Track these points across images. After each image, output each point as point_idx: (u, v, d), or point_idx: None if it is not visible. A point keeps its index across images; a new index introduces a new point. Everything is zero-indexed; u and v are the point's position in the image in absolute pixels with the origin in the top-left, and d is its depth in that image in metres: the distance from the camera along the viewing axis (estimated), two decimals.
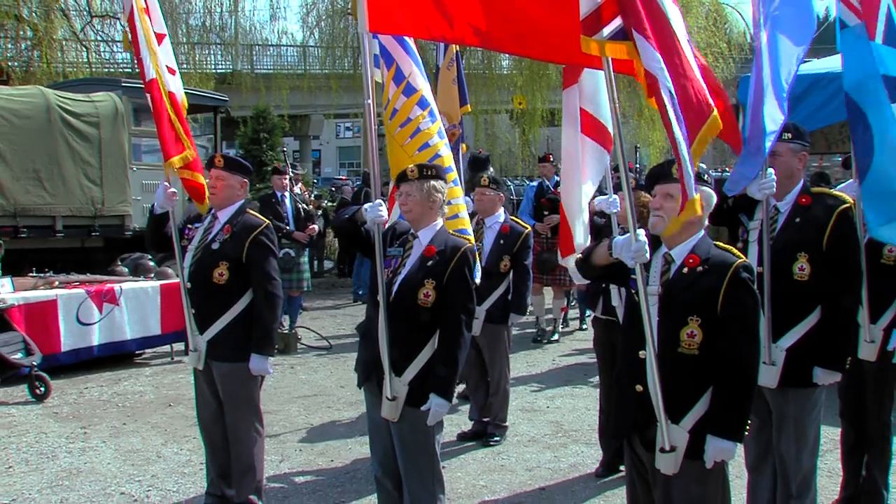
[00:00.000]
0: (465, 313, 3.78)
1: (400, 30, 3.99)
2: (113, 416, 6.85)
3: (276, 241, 4.73)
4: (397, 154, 4.94)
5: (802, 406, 3.90)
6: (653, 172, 3.28)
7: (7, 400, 7.29)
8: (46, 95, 10.41)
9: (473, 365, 6.20)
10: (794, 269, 3.90)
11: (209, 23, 18.46)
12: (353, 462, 5.64)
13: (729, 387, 3.03)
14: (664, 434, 3.02)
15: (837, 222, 3.91)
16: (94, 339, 8.24)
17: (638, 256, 3.05)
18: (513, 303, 6.22)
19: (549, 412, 6.89)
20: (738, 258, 3.12)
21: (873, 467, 4.64)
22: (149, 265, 9.37)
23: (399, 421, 3.73)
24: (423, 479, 3.77)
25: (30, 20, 16.94)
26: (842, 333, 3.95)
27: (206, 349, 4.54)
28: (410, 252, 3.83)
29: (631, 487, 3.27)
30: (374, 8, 3.71)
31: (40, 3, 16.78)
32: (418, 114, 4.92)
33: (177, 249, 4.68)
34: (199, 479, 5.08)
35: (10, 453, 5.90)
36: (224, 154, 5.04)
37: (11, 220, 9.71)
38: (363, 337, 3.97)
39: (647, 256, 3.07)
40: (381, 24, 3.82)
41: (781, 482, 3.92)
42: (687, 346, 3.04)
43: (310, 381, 8.03)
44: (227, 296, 4.54)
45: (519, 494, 5.10)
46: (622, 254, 3.10)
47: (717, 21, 19.07)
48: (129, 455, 5.85)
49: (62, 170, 10.20)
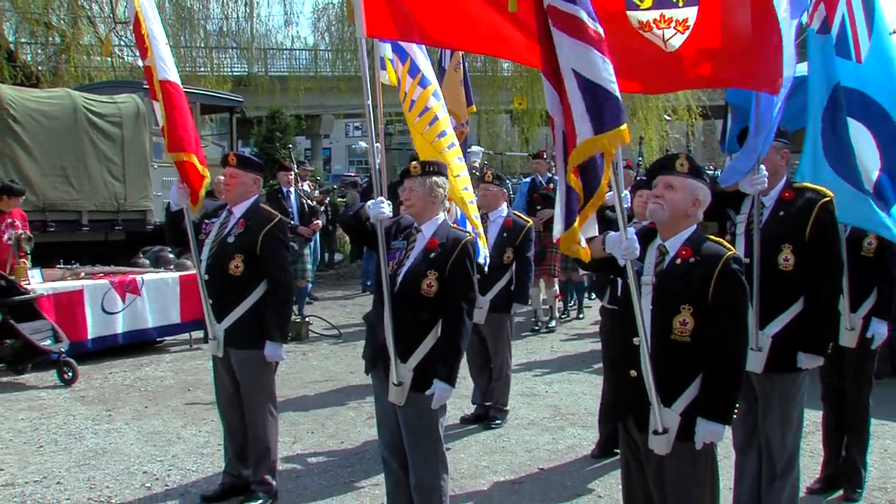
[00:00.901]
0: (467, 302, 3.76)
1: (396, 35, 3.96)
2: (136, 399, 6.86)
3: (287, 234, 4.73)
4: (418, 141, 4.94)
5: (787, 390, 3.90)
6: (656, 164, 3.26)
7: (37, 384, 7.31)
8: (73, 97, 10.42)
9: (476, 352, 6.19)
10: (779, 260, 3.88)
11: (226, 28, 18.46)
12: (363, 444, 5.65)
13: (718, 373, 3.02)
14: (657, 417, 3.01)
15: (819, 215, 3.90)
16: (117, 327, 8.26)
17: (627, 253, 3.04)
18: (515, 292, 6.20)
19: (548, 397, 6.88)
20: (728, 250, 3.10)
21: (852, 448, 4.66)
22: (169, 257, 9.37)
23: (405, 405, 3.72)
24: (428, 459, 3.76)
25: (58, 27, 17.03)
26: (824, 321, 3.93)
27: (224, 337, 4.54)
28: (414, 245, 3.81)
29: (625, 467, 3.26)
30: (370, 13, 3.69)
31: (68, 10, 16.84)
32: (434, 104, 4.91)
33: (192, 244, 4.68)
34: (217, 460, 5.08)
35: (41, 434, 5.91)
36: (237, 153, 5.02)
37: (40, 215, 9.72)
38: (370, 326, 3.96)
39: (636, 253, 3.06)
40: (378, 29, 3.79)
41: (767, 462, 3.92)
42: (679, 334, 3.03)
43: (321, 367, 8.04)
44: (242, 287, 4.53)
45: (519, 474, 5.10)
46: (614, 250, 3.08)
47: None
48: (150, 436, 5.85)
49: (87, 167, 10.21)
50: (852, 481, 4.64)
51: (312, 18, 21.69)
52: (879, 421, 5.45)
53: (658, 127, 18.74)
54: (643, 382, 3.04)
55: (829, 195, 3.99)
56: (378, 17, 3.70)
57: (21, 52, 17.11)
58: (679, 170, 3.11)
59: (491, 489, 4.87)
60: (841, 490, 4.67)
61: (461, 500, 4.57)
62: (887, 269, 4.53)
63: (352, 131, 45.92)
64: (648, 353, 3.01)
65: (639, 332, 3.04)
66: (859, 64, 4.33)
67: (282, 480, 4.78)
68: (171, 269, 9.10)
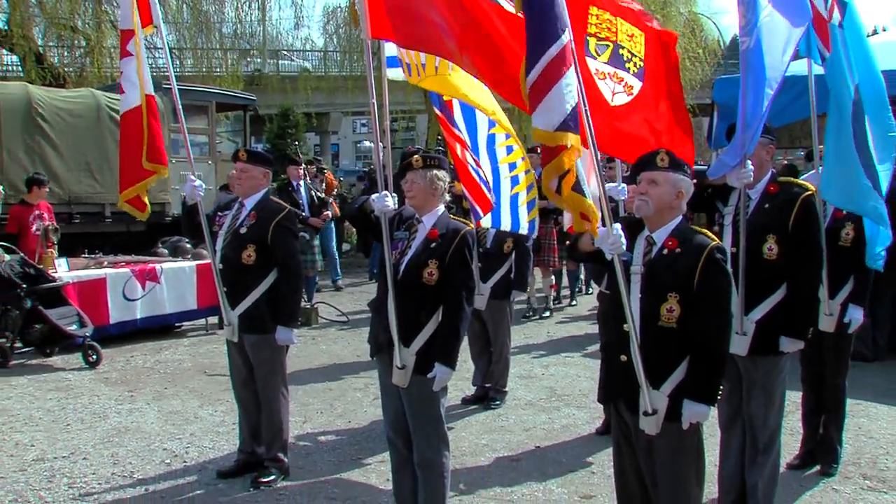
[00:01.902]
0: (466, 290, 3.74)
1: (398, 39, 3.92)
2: (155, 381, 6.85)
3: (296, 224, 4.71)
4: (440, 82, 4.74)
5: (769, 372, 3.90)
6: (639, 161, 3.22)
7: (64, 366, 7.32)
8: (96, 96, 10.40)
9: (477, 336, 6.18)
10: (764, 250, 3.87)
11: (239, 30, 18.31)
12: (369, 423, 5.64)
13: (703, 358, 3.00)
14: (646, 399, 2.99)
15: (801, 208, 3.90)
16: (138, 313, 8.26)
17: (614, 248, 3.01)
18: (515, 280, 6.18)
19: (544, 379, 6.87)
20: (712, 241, 3.08)
21: (829, 426, 4.70)
22: (186, 247, 9.36)
23: (408, 387, 3.70)
24: (430, 438, 3.75)
25: (83, 31, 17.01)
26: (804, 307, 3.94)
27: (238, 323, 4.53)
28: (415, 235, 3.78)
29: (617, 446, 3.24)
30: (374, 16, 3.66)
31: (93, 15, 16.83)
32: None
33: (207, 235, 4.67)
34: (232, 438, 5.08)
35: (68, 413, 5.92)
36: (247, 148, 5.01)
37: (66, 208, 9.73)
38: (375, 312, 3.94)
39: (622, 248, 3.03)
40: (382, 32, 3.76)
41: (750, 440, 3.91)
42: (666, 321, 3.00)
43: (329, 351, 8.03)
44: (254, 275, 4.52)
45: (517, 452, 5.10)
46: (601, 244, 3.06)
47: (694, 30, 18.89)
48: (170, 416, 5.85)
49: (110, 162, 10.20)
50: (829, 457, 4.68)
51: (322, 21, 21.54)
52: (854, 401, 5.46)
53: None
54: (633, 367, 3.02)
55: (812, 189, 4.00)
56: (381, 20, 3.68)
57: (49, 54, 17.12)
58: (660, 165, 3.09)
59: (490, 466, 4.86)
60: (818, 465, 4.71)
61: (462, 476, 4.56)
62: (863, 259, 4.52)
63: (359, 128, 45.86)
64: (637, 339, 3.00)
65: (627, 319, 3.02)
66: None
67: (293, 457, 4.78)
68: (189, 258, 9.08)
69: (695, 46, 18.20)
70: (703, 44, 18.96)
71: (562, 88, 2.94)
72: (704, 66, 19.27)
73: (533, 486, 4.53)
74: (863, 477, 4.63)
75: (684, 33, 17.30)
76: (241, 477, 4.60)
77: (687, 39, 17.31)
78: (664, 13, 16.57)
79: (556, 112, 2.94)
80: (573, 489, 4.48)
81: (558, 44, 2.95)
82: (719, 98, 8.56)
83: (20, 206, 8.47)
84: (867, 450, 5.05)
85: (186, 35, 17.22)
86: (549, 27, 2.97)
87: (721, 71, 19.23)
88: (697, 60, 18.81)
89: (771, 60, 3.66)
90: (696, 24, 18.81)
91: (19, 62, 16.83)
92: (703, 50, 19.05)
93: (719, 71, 19.41)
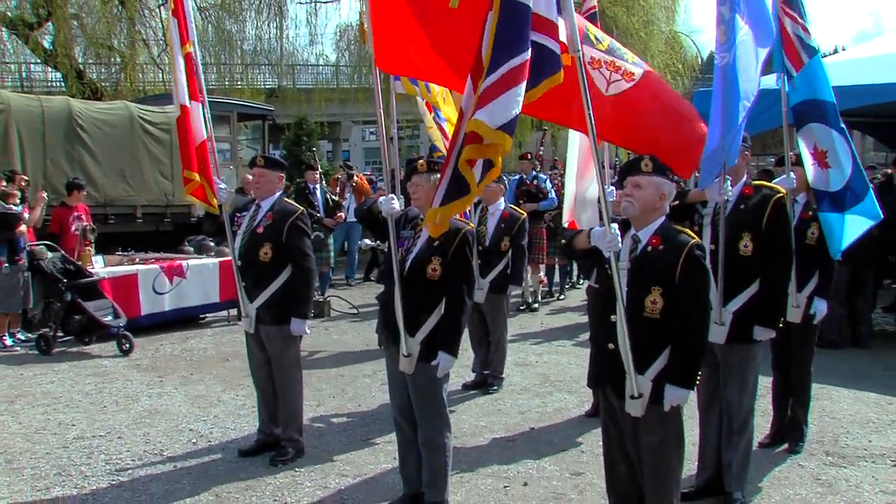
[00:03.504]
0: (466, 284, 3.72)
1: (403, 70, 3.86)
2: (182, 367, 6.84)
3: (309, 224, 4.68)
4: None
5: (744, 358, 3.89)
6: (624, 166, 3.20)
7: (101, 354, 7.32)
8: (130, 109, 10.39)
9: (477, 327, 6.17)
10: (740, 247, 3.87)
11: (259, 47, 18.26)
12: (377, 406, 5.62)
13: (684, 346, 2.98)
14: (632, 383, 2.97)
15: (773, 209, 3.90)
16: (166, 306, 8.25)
17: (611, 246, 2.99)
18: (511, 276, 6.17)
19: (538, 366, 6.85)
20: (692, 239, 3.05)
21: (797, 408, 4.72)
22: (210, 245, 9.33)
23: (413, 374, 3.68)
24: (434, 420, 3.73)
25: (118, 49, 17.15)
26: (775, 299, 3.94)
27: (255, 315, 4.51)
28: (420, 234, 3.76)
29: (605, 428, 3.22)
30: (379, 49, 3.62)
31: (127, 35, 16.94)
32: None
33: (228, 234, 4.66)
34: (252, 420, 5.06)
35: (104, 396, 5.93)
36: (264, 154, 4.98)
37: (102, 210, 9.73)
38: (382, 305, 3.92)
39: (619, 246, 3.00)
40: (388, 65, 3.71)
41: (726, 420, 3.91)
42: (650, 312, 2.98)
43: (341, 340, 8.01)
44: (270, 271, 4.50)
45: (513, 433, 5.08)
46: (598, 243, 3.03)
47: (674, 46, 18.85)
48: (195, 399, 5.84)
49: (141, 168, 10.18)
50: (795, 436, 4.70)
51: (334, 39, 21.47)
52: (819, 385, 5.45)
53: None
54: (620, 354, 3.00)
55: (783, 192, 4.01)
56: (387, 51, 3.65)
57: (88, 71, 17.28)
58: (644, 170, 3.06)
59: (488, 445, 4.84)
60: (786, 444, 4.71)
61: (463, 455, 4.54)
62: (827, 256, 4.55)
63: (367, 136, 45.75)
64: (625, 328, 2.97)
65: (616, 310, 3.00)
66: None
67: (308, 437, 4.77)
68: (212, 255, 9.06)
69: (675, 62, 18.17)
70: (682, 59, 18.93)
71: (514, 96, 2.90)
72: (684, 80, 19.27)
73: (527, 463, 4.51)
74: (825, 453, 4.64)
75: (665, 50, 17.27)
76: (261, 455, 4.59)
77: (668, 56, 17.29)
78: (647, 31, 16.52)
79: (503, 115, 2.91)
80: (564, 467, 4.46)
81: (521, 57, 2.92)
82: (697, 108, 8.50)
83: (61, 208, 8.47)
84: (830, 429, 5.05)
85: (211, 52, 17.18)
86: (519, 41, 2.93)
87: (699, 84, 19.23)
88: (678, 74, 18.82)
89: (745, 75, 3.65)
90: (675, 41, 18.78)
91: (62, 78, 16.91)
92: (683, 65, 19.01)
93: (697, 84, 19.42)
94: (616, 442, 3.16)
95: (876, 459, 4.54)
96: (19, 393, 6.03)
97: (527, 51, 2.93)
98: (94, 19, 16.49)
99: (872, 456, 4.60)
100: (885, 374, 6.40)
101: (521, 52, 2.91)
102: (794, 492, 4.10)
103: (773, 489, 4.14)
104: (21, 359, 7.14)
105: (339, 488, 4.18)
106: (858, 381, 6.17)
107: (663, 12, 17.50)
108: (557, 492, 4.11)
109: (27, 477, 4.34)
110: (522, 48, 2.92)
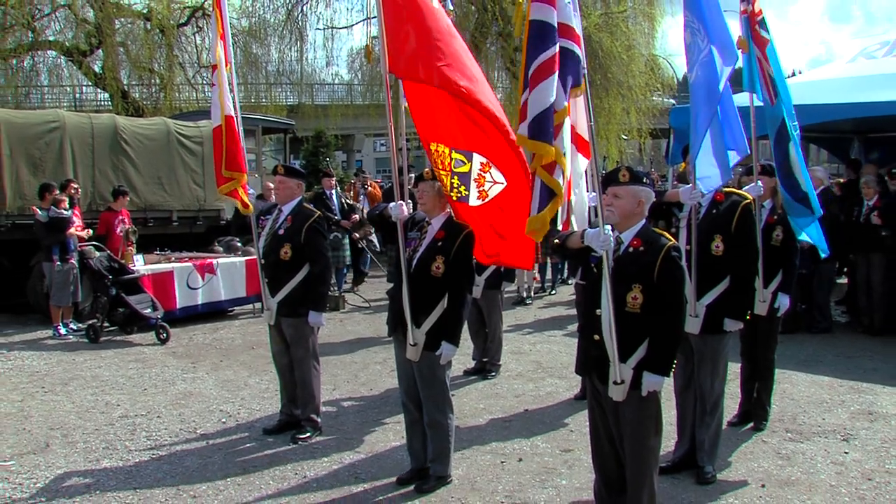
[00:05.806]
0: (467, 281, 3.72)
1: (411, 76, 3.84)
2: (213, 355, 6.84)
3: (325, 227, 4.68)
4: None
5: (716, 347, 3.89)
6: (605, 177, 3.19)
7: (141, 342, 7.33)
8: (167, 124, 10.41)
9: (475, 319, 6.14)
10: (712, 247, 3.89)
11: (281, 68, 18.28)
12: (387, 391, 5.61)
13: (661, 338, 2.97)
14: (616, 370, 2.96)
15: (741, 214, 3.93)
16: (198, 299, 8.27)
17: (604, 246, 2.97)
18: (505, 273, 6.15)
19: (532, 354, 6.83)
20: (669, 241, 3.04)
21: (762, 392, 4.71)
22: (237, 245, 9.35)
23: (419, 361, 3.68)
24: (438, 403, 3.73)
25: (158, 71, 17.30)
26: (743, 294, 3.96)
27: (277, 308, 4.51)
28: (426, 235, 3.75)
29: (591, 409, 3.21)
30: (392, 55, 3.60)
31: (166, 59, 17.09)
32: None
33: (254, 235, 4.67)
34: (275, 402, 5.06)
35: (145, 380, 5.95)
36: (284, 164, 4.97)
37: (142, 214, 9.74)
38: (392, 299, 3.92)
39: (612, 246, 2.98)
40: (398, 70, 3.68)
41: (699, 403, 3.90)
42: (631, 307, 2.97)
43: (354, 331, 7.99)
44: (290, 268, 4.49)
45: (509, 414, 5.07)
46: (592, 242, 3.01)
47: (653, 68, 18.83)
48: (225, 383, 5.84)
49: (177, 176, 10.18)
50: (760, 416, 4.70)
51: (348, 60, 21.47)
52: (781, 370, 5.42)
53: (617, 144, 18.53)
54: (604, 344, 2.99)
55: (750, 198, 4.05)
56: (398, 57, 3.62)
57: (131, 91, 17.45)
58: (622, 180, 3.04)
59: (487, 425, 4.83)
60: (752, 422, 4.70)
61: (464, 434, 4.53)
62: (790, 255, 4.58)
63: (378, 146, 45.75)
64: (612, 320, 2.95)
65: (602, 304, 2.98)
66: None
67: (324, 418, 4.77)
68: (239, 254, 9.07)
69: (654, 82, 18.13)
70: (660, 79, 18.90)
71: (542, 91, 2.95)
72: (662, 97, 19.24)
73: (522, 441, 4.50)
74: (786, 430, 4.64)
75: (645, 70, 17.27)
76: (283, 434, 4.58)
77: (648, 76, 17.27)
78: (629, 54, 16.47)
79: (538, 127, 2.95)
80: (555, 444, 4.45)
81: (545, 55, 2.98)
82: (675, 123, 8.53)
83: (107, 213, 8.51)
84: (789, 409, 5.04)
85: (239, 72, 17.22)
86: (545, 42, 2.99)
87: (676, 101, 19.19)
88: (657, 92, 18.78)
89: (709, 90, 3.68)
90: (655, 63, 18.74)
91: (109, 98, 17.11)
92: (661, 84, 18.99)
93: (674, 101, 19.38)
94: (601, 422, 3.15)
95: (828, 435, 4.56)
96: (72, 376, 6.06)
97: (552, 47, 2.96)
98: (137, 46, 16.68)
99: (825, 432, 4.61)
100: (837, 360, 6.41)
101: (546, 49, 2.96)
102: (757, 465, 4.10)
103: (740, 462, 4.14)
104: (73, 346, 7.17)
105: (352, 463, 4.18)
106: (813, 365, 6.18)
107: (643, 37, 17.51)
108: (549, 466, 4.10)
109: (80, 450, 4.38)
110: (545, 47, 2.96)
